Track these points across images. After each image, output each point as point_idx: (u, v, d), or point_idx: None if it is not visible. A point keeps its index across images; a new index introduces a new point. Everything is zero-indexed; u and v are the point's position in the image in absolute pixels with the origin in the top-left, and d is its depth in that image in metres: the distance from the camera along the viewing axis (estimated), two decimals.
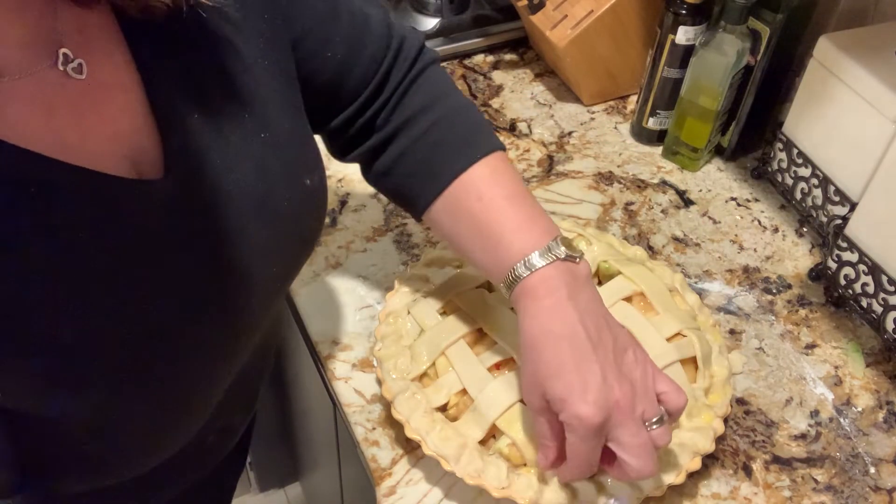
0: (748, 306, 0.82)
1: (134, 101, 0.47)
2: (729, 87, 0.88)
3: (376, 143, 0.65)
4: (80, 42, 0.44)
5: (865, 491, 0.68)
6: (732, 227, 0.91)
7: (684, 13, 0.88)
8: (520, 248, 0.57)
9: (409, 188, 0.65)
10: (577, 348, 0.55)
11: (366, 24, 0.62)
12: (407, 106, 0.64)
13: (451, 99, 0.66)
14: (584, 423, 0.53)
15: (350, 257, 0.85)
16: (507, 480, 0.61)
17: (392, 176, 0.65)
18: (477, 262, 0.62)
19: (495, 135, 0.66)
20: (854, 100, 0.76)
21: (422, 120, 0.63)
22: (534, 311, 0.56)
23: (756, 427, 0.72)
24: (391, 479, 0.67)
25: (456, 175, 0.62)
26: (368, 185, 0.70)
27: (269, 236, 0.55)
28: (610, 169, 0.97)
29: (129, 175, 0.46)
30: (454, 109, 0.65)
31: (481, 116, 0.67)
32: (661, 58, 0.93)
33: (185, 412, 0.56)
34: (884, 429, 0.72)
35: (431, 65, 0.66)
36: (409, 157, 0.64)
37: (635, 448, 0.55)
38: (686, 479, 0.64)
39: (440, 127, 0.63)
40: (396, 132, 0.64)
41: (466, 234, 0.62)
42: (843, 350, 0.78)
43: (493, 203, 0.60)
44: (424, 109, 0.64)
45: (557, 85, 1.09)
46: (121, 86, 0.47)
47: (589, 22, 0.96)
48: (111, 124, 0.46)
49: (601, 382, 0.54)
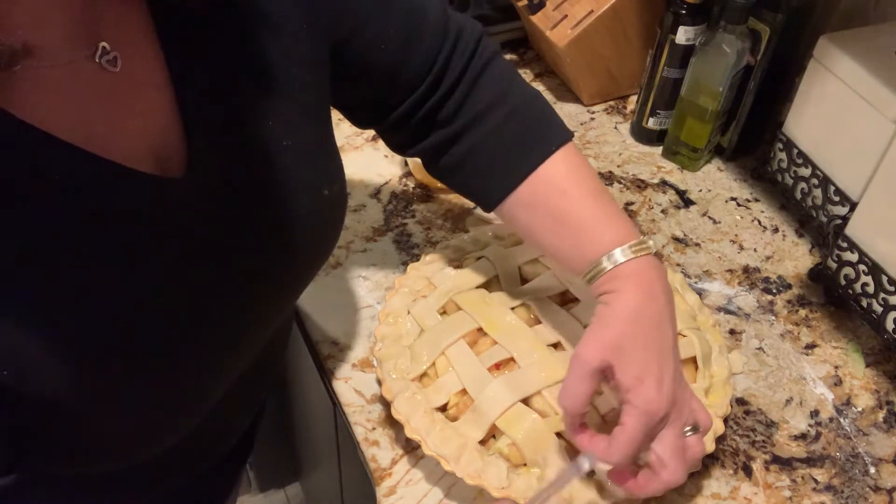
0: (748, 306, 0.82)
1: (163, 99, 0.48)
2: (729, 87, 0.88)
3: (443, 138, 0.65)
4: (116, 35, 0.45)
5: (865, 491, 0.68)
6: (732, 227, 0.91)
7: (684, 13, 0.88)
8: (611, 239, 0.60)
9: (480, 183, 0.66)
10: (663, 340, 0.57)
11: (423, 15, 0.62)
12: (475, 101, 0.65)
13: (517, 92, 0.66)
14: (651, 409, 0.55)
15: (350, 257, 0.85)
16: (507, 480, 0.61)
17: (462, 171, 0.67)
18: (558, 251, 0.64)
19: (563, 123, 0.67)
20: (854, 100, 0.76)
21: (491, 115, 0.64)
22: (628, 296, 0.58)
23: (756, 427, 0.72)
24: (391, 479, 0.67)
25: (532, 169, 0.63)
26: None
27: (284, 243, 0.56)
28: (610, 169, 0.97)
29: (153, 171, 0.47)
30: (522, 103, 0.66)
31: (548, 105, 0.67)
32: (661, 58, 0.93)
33: (188, 401, 0.55)
34: (884, 429, 0.72)
35: (495, 57, 0.67)
36: (481, 153, 0.65)
37: (677, 450, 0.56)
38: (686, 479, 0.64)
39: (510, 122, 0.64)
40: (465, 128, 0.65)
41: (547, 227, 0.63)
42: (843, 350, 0.78)
43: (578, 199, 0.62)
44: (493, 105, 0.64)
45: (557, 85, 1.09)
46: (152, 82, 0.47)
47: (589, 22, 0.96)
48: (139, 119, 0.46)
49: (672, 378, 0.56)
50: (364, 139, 0.99)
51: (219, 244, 0.51)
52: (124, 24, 0.45)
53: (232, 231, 0.52)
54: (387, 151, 0.98)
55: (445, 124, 0.65)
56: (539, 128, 0.65)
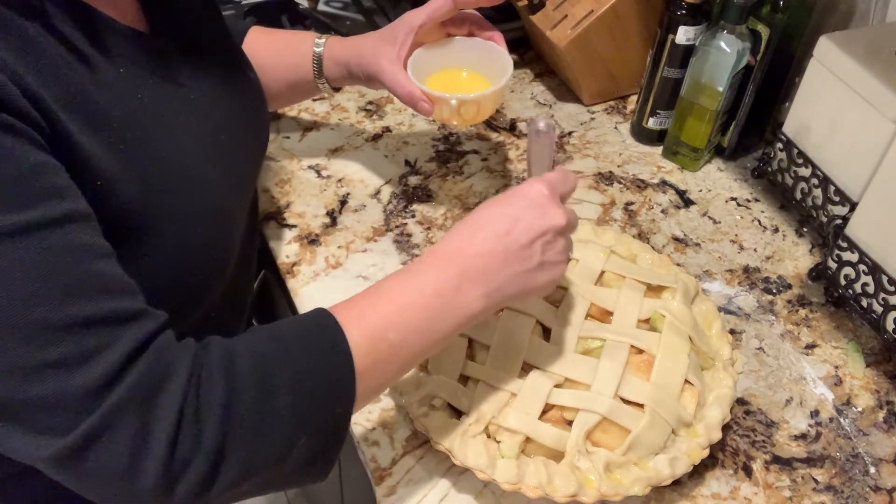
0: (748, 306, 0.82)
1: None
2: (729, 87, 0.88)
3: None
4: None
5: (865, 491, 0.68)
6: (732, 227, 0.91)
7: (684, 13, 0.88)
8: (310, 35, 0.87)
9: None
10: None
11: None
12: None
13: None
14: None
15: (350, 257, 0.85)
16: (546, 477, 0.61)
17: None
18: (285, 67, 0.85)
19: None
20: (854, 100, 0.76)
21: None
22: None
23: (756, 427, 0.72)
24: (391, 479, 0.67)
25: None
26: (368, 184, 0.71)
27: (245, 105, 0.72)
28: (610, 169, 0.97)
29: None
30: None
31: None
32: (661, 58, 0.93)
33: (227, 232, 0.64)
34: (884, 429, 0.72)
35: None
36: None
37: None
38: (686, 479, 0.64)
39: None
40: None
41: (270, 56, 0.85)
42: (844, 350, 0.78)
43: (271, 33, 0.89)
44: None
45: (557, 85, 1.09)
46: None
47: (589, 22, 0.96)
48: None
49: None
50: (364, 139, 0.99)
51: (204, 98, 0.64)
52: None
53: (204, 88, 0.64)
54: (387, 151, 0.98)
55: None
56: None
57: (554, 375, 0.65)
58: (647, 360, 0.66)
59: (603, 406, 0.63)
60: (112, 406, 0.44)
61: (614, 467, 0.62)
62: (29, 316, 0.43)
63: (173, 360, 0.47)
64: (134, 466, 0.44)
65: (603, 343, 0.67)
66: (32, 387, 0.43)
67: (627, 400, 0.64)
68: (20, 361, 0.43)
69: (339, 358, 0.52)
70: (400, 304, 0.55)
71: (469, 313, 0.57)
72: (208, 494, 0.47)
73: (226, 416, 0.47)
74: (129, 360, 0.45)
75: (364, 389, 0.53)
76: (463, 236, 0.58)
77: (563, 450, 0.62)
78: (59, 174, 0.46)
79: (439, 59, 0.81)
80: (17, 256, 0.43)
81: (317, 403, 0.51)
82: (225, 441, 0.47)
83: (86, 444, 0.44)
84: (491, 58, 0.81)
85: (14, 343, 0.43)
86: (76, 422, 0.43)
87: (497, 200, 0.60)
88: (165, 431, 0.45)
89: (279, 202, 0.91)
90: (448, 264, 0.57)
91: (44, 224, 0.44)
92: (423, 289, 0.56)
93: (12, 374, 0.43)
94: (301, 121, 1.02)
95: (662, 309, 0.69)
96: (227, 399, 0.47)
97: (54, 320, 0.43)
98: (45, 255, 0.44)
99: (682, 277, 0.75)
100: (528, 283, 0.58)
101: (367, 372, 0.52)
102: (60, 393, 0.43)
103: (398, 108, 1.04)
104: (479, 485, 0.66)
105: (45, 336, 0.43)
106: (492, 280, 0.57)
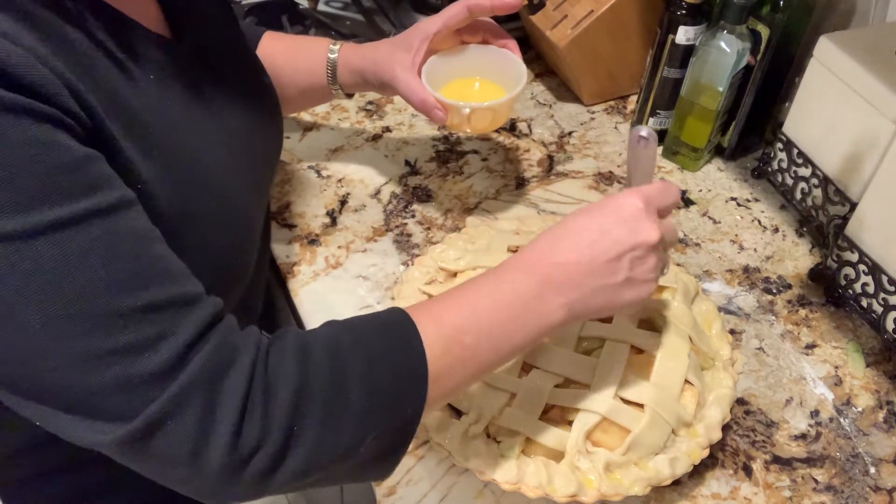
0: (748, 306, 0.82)
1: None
2: (729, 87, 0.88)
3: None
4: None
5: (865, 491, 0.68)
6: (732, 227, 0.91)
7: (684, 13, 0.88)
8: (325, 43, 0.87)
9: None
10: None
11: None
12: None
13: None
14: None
15: (350, 257, 0.85)
16: (547, 477, 0.61)
17: None
18: (299, 70, 0.85)
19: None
20: (854, 100, 0.76)
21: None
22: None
23: (756, 427, 0.72)
24: (391, 479, 0.67)
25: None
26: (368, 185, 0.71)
27: (260, 109, 0.71)
28: (610, 169, 0.97)
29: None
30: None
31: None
32: (661, 58, 0.93)
33: (250, 231, 0.66)
34: (884, 429, 0.72)
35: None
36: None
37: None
38: (686, 479, 0.64)
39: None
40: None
41: (285, 60, 0.86)
42: (844, 350, 0.78)
43: (288, 38, 0.90)
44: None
45: (557, 85, 1.09)
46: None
47: (589, 22, 0.96)
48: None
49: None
50: (364, 139, 0.99)
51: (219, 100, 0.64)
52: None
53: (222, 91, 0.64)
54: (387, 151, 0.98)
55: None
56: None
57: (554, 375, 0.65)
58: (647, 360, 0.66)
59: (603, 406, 0.63)
60: (178, 390, 0.44)
61: (614, 467, 0.62)
62: (94, 304, 0.43)
63: (237, 344, 0.47)
64: (200, 449, 0.45)
65: (603, 343, 0.67)
66: (99, 374, 0.43)
67: (627, 400, 0.64)
68: (87, 350, 0.43)
69: (412, 358, 0.51)
70: (477, 307, 0.54)
71: (548, 322, 0.55)
72: (273, 480, 0.47)
73: (297, 402, 0.47)
74: (194, 344, 0.45)
75: (436, 392, 0.52)
76: (546, 245, 0.57)
77: (563, 450, 0.62)
78: (105, 164, 0.46)
79: (453, 66, 0.81)
80: (78, 245, 0.43)
81: (388, 401, 0.50)
82: (294, 427, 0.47)
83: (152, 429, 0.44)
84: (505, 66, 0.81)
85: (81, 331, 0.43)
86: (142, 406, 0.43)
87: (587, 210, 0.58)
88: (232, 415, 0.45)
89: (279, 202, 0.91)
90: (529, 272, 0.55)
91: (102, 211, 0.44)
92: (501, 294, 0.55)
93: (79, 362, 0.43)
94: (301, 121, 1.02)
95: (662, 309, 0.69)
96: (300, 385, 0.47)
97: (120, 307, 0.43)
98: (106, 242, 0.44)
99: (682, 277, 0.75)
100: (612, 299, 0.57)
101: (440, 374, 0.52)
102: (126, 379, 0.43)
103: (398, 108, 1.04)
104: (479, 485, 0.66)
105: (111, 323, 0.43)
106: (574, 291, 0.55)
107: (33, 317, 0.42)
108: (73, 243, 0.43)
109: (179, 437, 0.44)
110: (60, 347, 0.43)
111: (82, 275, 0.43)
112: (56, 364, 0.43)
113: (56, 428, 0.45)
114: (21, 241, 0.41)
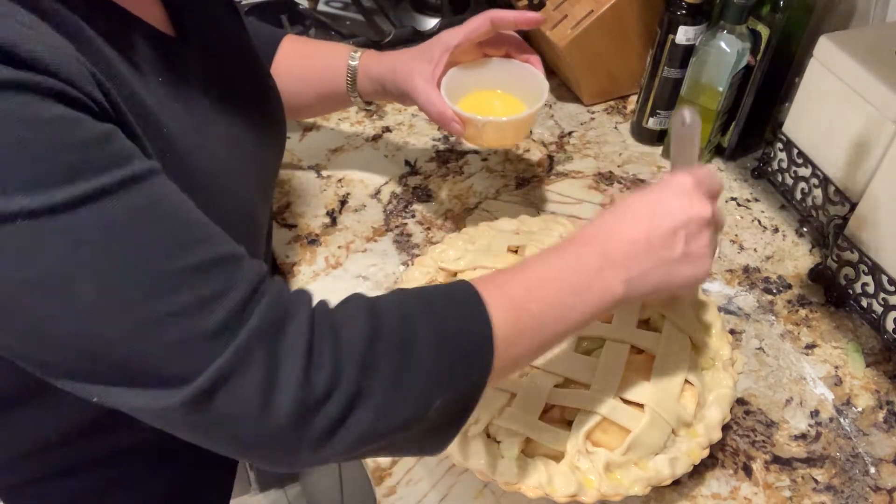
0: (748, 306, 0.82)
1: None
2: (729, 87, 0.88)
3: None
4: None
5: (865, 491, 0.68)
6: (732, 227, 0.91)
7: (684, 13, 0.88)
8: (344, 48, 0.86)
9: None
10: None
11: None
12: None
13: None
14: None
15: (350, 257, 0.85)
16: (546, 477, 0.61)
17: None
18: (321, 80, 0.86)
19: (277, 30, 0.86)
20: (854, 100, 0.76)
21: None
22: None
23: (756, 427, 0.72)
24: (391, 479, 0.67)
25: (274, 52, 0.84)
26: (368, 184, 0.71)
27: (262, 109, 0.71)
28: (610, 169, 0.97)
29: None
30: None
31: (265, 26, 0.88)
32: (661, 58, 0.93)
33: (257, 221, 0.66)
34: (884, 429, 0.72)
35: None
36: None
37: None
38: (686, 479, 0.64)
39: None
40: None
41: (301, 67, 0.85)
42: (843, 350, 0.79)
43: (307, 43, 0.87)
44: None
45: (557, 85, 1.09)
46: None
47: (589, 22, 0.96)
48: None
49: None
50: (364, 139, 0.99)
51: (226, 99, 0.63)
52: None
53: (227, 90, 0.64)
54: (387, 151, 0.98)
55: None
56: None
57: (554, 375, 0.65)
58: (647, 360, 0.66)
59: (603, 406, 0.63)
60: (241, 344, 0.44)
61: (614, 467, 0.62)
62: (147, 267, 0.43)
63: (293, 299, 0.48)
64: (266, 403, 0.44)
65: (603, 343, 0.67)
66: (160, 338, 0.43)
67: (627, 400, 0.64)
68: (145, 314, 0.43)
69: (479, 323, 0.51)
70: (540, 277, 0.55)
71: (609, 296, 0.56)
72: (337, 438, 0.46)
73: (367, 356, 0.47)
74: (249, 300, 0.45)
75: (502, 361, 0.52)
76: (605, 222, 0.58)
77: (563, 450, 0.62)
78: (126, 139, 0.46)
79: (474, 79, 0.80)
80: (123, 211, 0.43)
81: (457, 364, 0.50)
82: (363, 381, 0.46)
83: (217, 385, 0.43)
84: (526, 80, 0.80)
85: (138, 296, 0.43)
86: (205, 365, 0.43)
87: (640, 190, 0.60)
88: (298, 365, 0.45)
89: (279, 202, 0.91)
90: (590, 246, 0.56)
91: (138, 177, 0.44)
92: (564, 266, 0.55)
93: (139, 328, 0.43)
94: (301, 121, 1.02)
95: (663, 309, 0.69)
96: (370, 336, 0.47)
97: (172, 268, 0.43)
98: (149, 207, 0.44)
99: None
100: (670, 275, 0.57)
101: (506, 340, 0.52)
102: (187, 339, 0.43)
103: (398, 108, 1.04)
104: (479, 485, 0.66)
105: (167, 285, 0.43)
106: (634, 266, 0.56)
107: (87, 286, 0.42)
108: (117, 210, 0.43)
109: (247, 391, 0.44)
110: (118, 316, 0.42)
111: (131, 240, 0.43)
112: (116, 335, 0.43)
113: (117, 402, 0.45)
114: (67, 213, 0.41)
